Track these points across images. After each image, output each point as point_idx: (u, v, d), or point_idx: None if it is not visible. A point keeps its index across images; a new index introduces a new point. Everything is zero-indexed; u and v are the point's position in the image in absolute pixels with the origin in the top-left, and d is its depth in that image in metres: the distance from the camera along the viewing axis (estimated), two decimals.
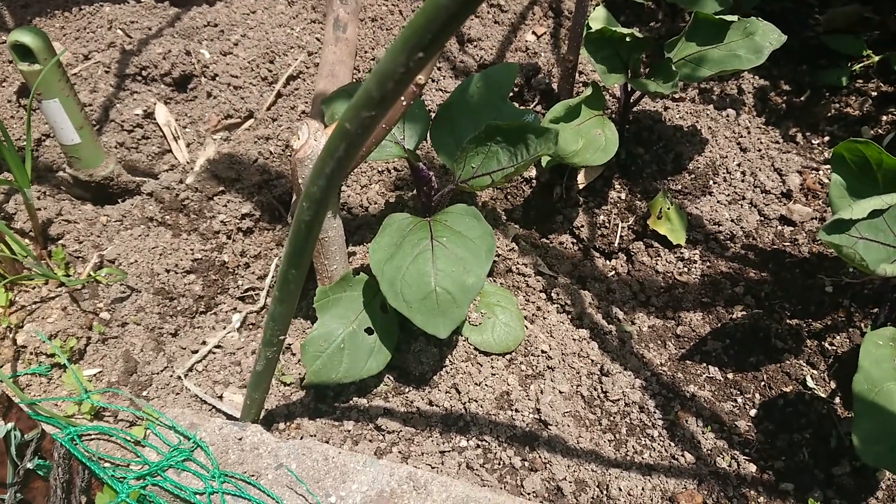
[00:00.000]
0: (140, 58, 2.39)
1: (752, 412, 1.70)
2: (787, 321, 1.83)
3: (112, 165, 2.04)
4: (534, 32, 2.49)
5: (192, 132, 2.32)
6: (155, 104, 2.35)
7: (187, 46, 2.43)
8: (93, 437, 1.57)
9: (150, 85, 2.40)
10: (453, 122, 1.73)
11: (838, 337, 1.77)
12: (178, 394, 1.73)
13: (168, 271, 1.92)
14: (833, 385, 1.72)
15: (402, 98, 1.37)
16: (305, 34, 2.52)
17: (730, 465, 1.61)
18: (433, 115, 1.78)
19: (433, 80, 2.38)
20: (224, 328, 1.88)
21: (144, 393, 1.73)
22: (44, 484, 1.30)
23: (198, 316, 1.91)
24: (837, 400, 1.69)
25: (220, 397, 1.73)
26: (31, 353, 1.74)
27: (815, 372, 1.74)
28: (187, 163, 2.23)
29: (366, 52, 2.45)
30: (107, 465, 1.51)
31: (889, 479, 1.57)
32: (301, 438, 1.62)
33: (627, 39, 1.85)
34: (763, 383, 1.75)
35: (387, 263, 1.51)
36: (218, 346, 1.84)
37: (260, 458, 1.47)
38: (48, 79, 1.76)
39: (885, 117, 2.28)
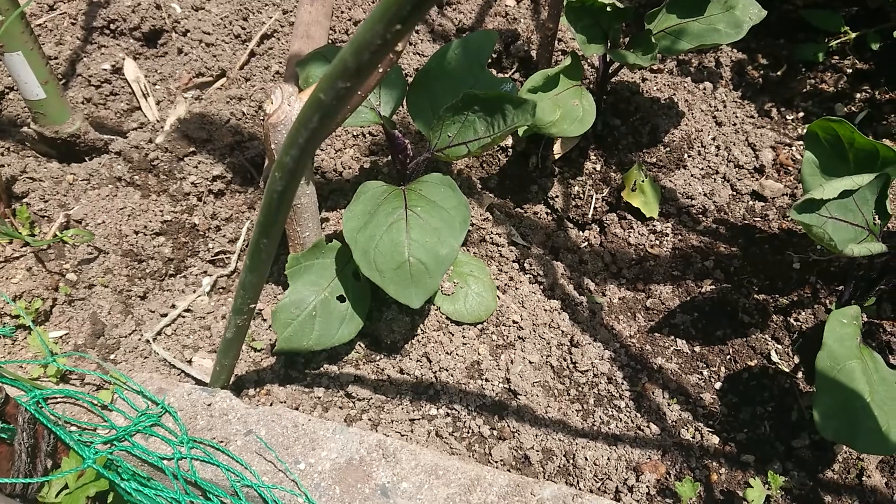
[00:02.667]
0: (108, 10, 2.32)
1: (717, 385, 1.74)
2: (755, 296, 1.86)
3: (79, 122, 1.99)
4: None
5: (162, 89, 2.26)
6: (123, 59, 2.28)
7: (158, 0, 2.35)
8: (59, 400, 1.55)
9: (119, 39, 2.33)
10: (431, 89, 1.71)
11: (804, 313, 1.80)
12: (146, 358, 1.72)
13: (137, 233, 1.89)
14: (796, 360, 1.75)
15: (380, 66, 1.34)
16: None
17: (693, 437, 1.64)
18: (410, 80, 1.76)
19: (410, 44, 2.34)
20: (194, 292, 1.86)
21: (112, 356, 1.71)
22: (8, 448, 1.29)
23: (167, 279, 1.89)
24: (800, 375, 1.73)
25: (190, 362, 1.72)
26: None
27: (779, 347, 1.78)
28: (157, 121, 2.18)
29: (342, 12, 2.39)
30: (73, 429, 1.50)
31: (846, 453, 1.61)
32: (271, 405, 1.62)
33: (608, 9, 1.83)
34: (729, 357, 1.78)
35: (360, 232, 1.50)
36: (188, 310, 1.82)
37: (229, 424, 1.47)
38: (11, 30, 1.70)
39: (858, 95, 2.29)
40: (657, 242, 1.99)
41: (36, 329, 1.61)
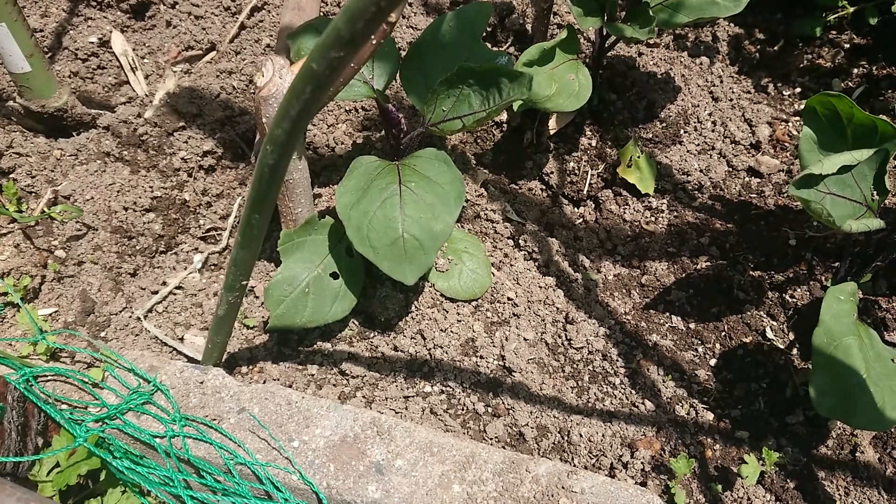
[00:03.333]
0: None
1: (712, 362, 1.73)
2: (750, 273, 1.85)
3: (65, 96, 1.95)
4: None
5: (150, 63, 2.22)
6: (111, 32, 2.24)
7: None
8: (49, 378, 1.54)
9: (106, 11, 2.28)
10: (425, 63, 1.68)
11: (799, 290, 1.80)
12: (137, 335, 1.70)
13: (126, 209, 1.86)
14: (791, 336, 1.75)
15: (373, 37, 1.31)
16: None
17: (688, 413, 1.64)
18: (404, 53, 1.73)
19: (404, 17, 2.30)
20: (185, 269, 1.84)
21: (102, 334, 1.69)
22: None
23: (157, 256, 1.87)
24: (795, 351, 1.73)
25: (181, 339, 1.70)
26: None
27: (774, 323, 1.77)
28: (146, 95, 2.14)
29: None
30: (64, 407, 1.48)
31: (840, 429, 1.61)
32: (264, 382, 1.61)
33: None
34: (724, 333, 1.77)
35: (353, 208, 1.48)
36: (179, 287, 1.80)
37: (222, 402, 1.46)
38: None
39: (856, 70, 2.27)
40: (652, 219, 1.97)
41: (24, 306, 1.59)
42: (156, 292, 1.77)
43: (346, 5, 0.77)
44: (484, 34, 2.29)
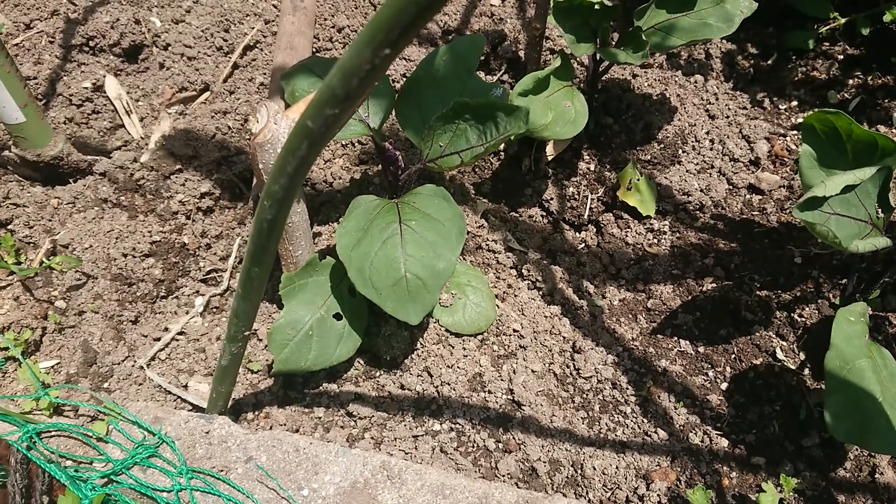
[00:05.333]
0: (86, 27, 2.26)
1: (723, 385, 1.71)
2: (757, 293, 1.83)
3: (61, 144, 1.94)
4: None
5: (145, 106, 2.22)
6: (104, 76, 2.24)
7: (136, 14, 2.31)
8: (53, 434, 1.51)
9: (99, 56, 2.28)
10: (420, 98, 1.67)
11: (807, 308, 1.78)
12: (140, 384, 1.68)
13: (125, 255, 1.85)
14: (802, 356, 1.73)
15: None
16: (261, 1, 2.41)
17: (702, 441, 1.62)
18: (399, 88, 1.72)
19: None
20: (187, 312, 1.82)
21: (105, 385, 1.67)
22: (1, 491, 1.25)
23: (159, 301, 1.85)
24: (807, 371, 1.70)
25: (185, 387, 1.68)
26: None
27: (784, 343, 1.75)
28: (141, 138, 2.14)
29: (325, 19, 2.35)
30: (69, 463, 1.46)
31: (857, 450, 1.59)
32: (271, 428, 1.59)
33: (596, 7, 1.80)
34: (734, 356, 1.75)
35: (354, 249, 1.46)
36: (181, 333, 1.78)
37: (228, 452, 1.44)
38: None
39: (851, 81, 2.27)
40: (655, 241, 1.96)
41: (25, 361, 1.57)
42: (158, 339, 1.76)
43: (339, 62, 0.76)
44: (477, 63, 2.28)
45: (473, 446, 1.60)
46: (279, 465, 1.42)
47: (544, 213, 2.05)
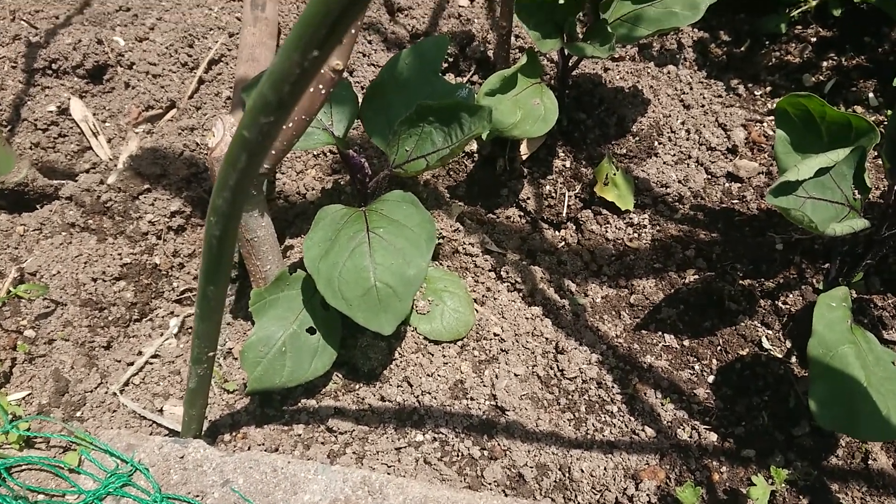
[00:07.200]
0: (48, 50, 2.22)
1: (710, 378, 1.68)
2: (740, 282, 1.80)
3: (25, 170, 1.90)
4: None
5: (112, 126, 2.18)
6: (69, 99, 2.20)
7: (99, 34, 2.27)
8: (23, 468, 1.48)
9: (63, 78, 2.24)
10: (385, 102, 1.64)
11: (791, 295, 1.75)
12: (115, 411, 1.64)
13: (95, 280, 1.81)
14: (788, 344, 1.70)
15: (321, 86, 1.27)
16: (225, 14, 2.38)
17: (691, 436, 1.58)
18: (363, 93, 1.69)
19: (364, 55, 2.27)
20: (161, 335, 1.78)
21: (78, 413, 1.63)
22: None
23: (132, 324, 1.81)
24: (794, 359, 1.67)
25: (161, 411, 1.64)
26: None
27: (769, 332, 1.72)
28: (110, 160, 2.10)
29: (289, 29, 2.31)
30: (41, 497, 1.42)
31: (848, 437, 1.56)
32: (248, 449, 1.55)
33: (560, 2, 1.77)
34: (719, 348, 1.72)
35: (322, 260, 1.43)
36: (155, 356, 1.74)
37: (204, 476, 1.40)
38: None
39: (825, 63, 2.25)
40: (635, 235, 1.93)
41: None
42: (131, 363, 1.72)
43: (269, 69, 0.73)
44: (446, 65, 2.26)
45: (458, 455, 1.57)
46: (256, 486, 1.38)
47: (522, 213, 2.02)
